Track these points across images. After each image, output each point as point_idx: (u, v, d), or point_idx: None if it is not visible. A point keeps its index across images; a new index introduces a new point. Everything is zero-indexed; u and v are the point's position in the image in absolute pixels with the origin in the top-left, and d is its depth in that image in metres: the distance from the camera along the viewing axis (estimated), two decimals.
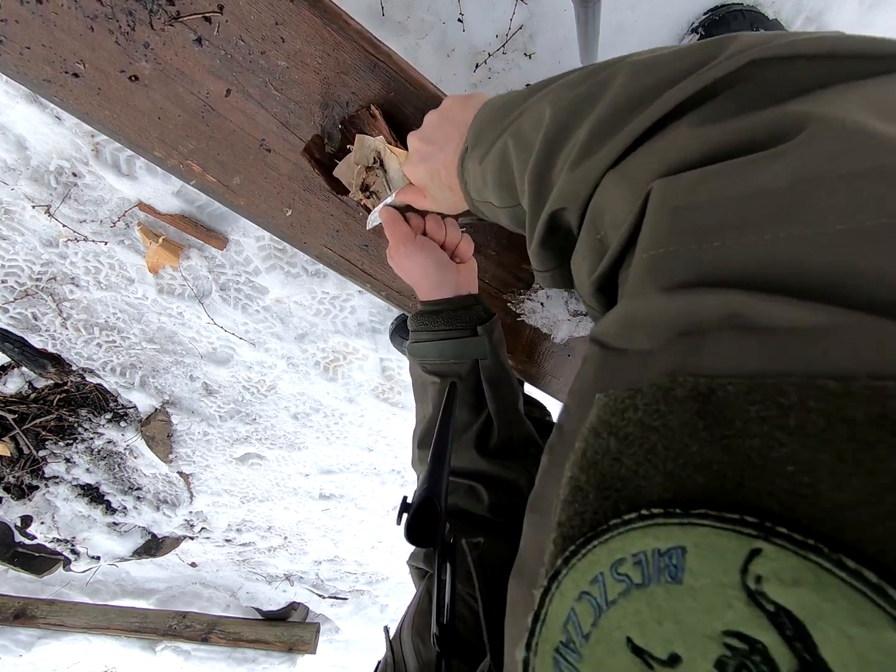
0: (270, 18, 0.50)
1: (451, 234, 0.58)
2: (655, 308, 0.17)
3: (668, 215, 0.19)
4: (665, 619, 0.12)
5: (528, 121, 0.31)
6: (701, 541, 0.12)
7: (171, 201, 1.10)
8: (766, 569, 0.11)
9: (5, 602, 2.00)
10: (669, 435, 0.14)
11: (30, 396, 1.51)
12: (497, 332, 0.57)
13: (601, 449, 0.16)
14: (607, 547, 0.14)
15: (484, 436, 0.55)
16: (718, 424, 0.13)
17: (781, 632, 0.11)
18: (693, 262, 0.17)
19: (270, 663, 2.21)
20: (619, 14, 0.80)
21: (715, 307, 0.15)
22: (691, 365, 0.15)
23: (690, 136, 0.20)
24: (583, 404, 0.18)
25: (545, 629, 0.15)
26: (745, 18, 0.78)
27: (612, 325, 0.19)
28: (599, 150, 0.24)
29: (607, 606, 0.13)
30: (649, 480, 0.14)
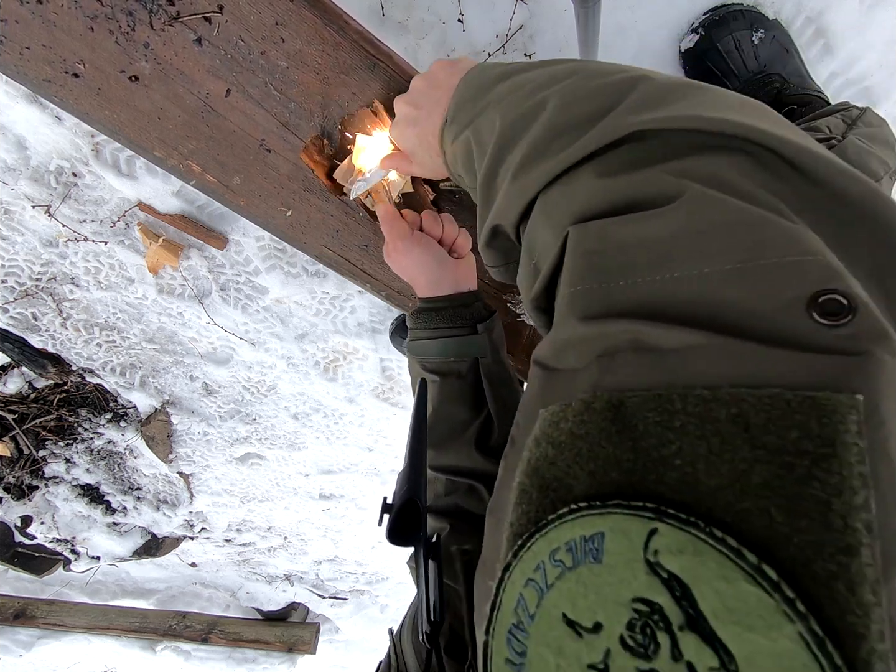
0: (270, 18, 0.50)
1: (449, 228, 0.57)
2: (577, 334, 0.21)
3: (581, 258, 0.23)
4: (589, 594, 0.15)
5: (484, 124, 0.35)
6: (615, 526, 0.15)
7: (171, 201, 1.10)
8: (661, 543, 0.14)
9: (5, 602, 2.00)
10: (591, 440, 0.17)
11: (30, 396, 1.51)
12: (497, 329, 0.57)
13: (541, 456, 0.18)
14: (546, 538, 0.16)
15: (484, 434, 0.55)
16: (627, 430, 0.16)
17: (672, 593, 0.13)
18: (603, 296, 0.21)
19: (270, 663, 2.21)
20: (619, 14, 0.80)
21: (620, 333, 0.19)
22: (606, 381, 0.18)
23: (594, 187, 0.24)
24: (529, 418, 0.21)
25: (500, 614, 0.17)
26: (745, 18, 0.77)
27: (547, 349, 0.23)
28: (526, 174, 0.28)
29: (547, 589, 0.16)
30: (577, 479, 0.17)
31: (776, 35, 0.78)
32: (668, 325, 0.18)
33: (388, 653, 0.46)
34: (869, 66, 0.82)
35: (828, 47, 0.82)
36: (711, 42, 0.78)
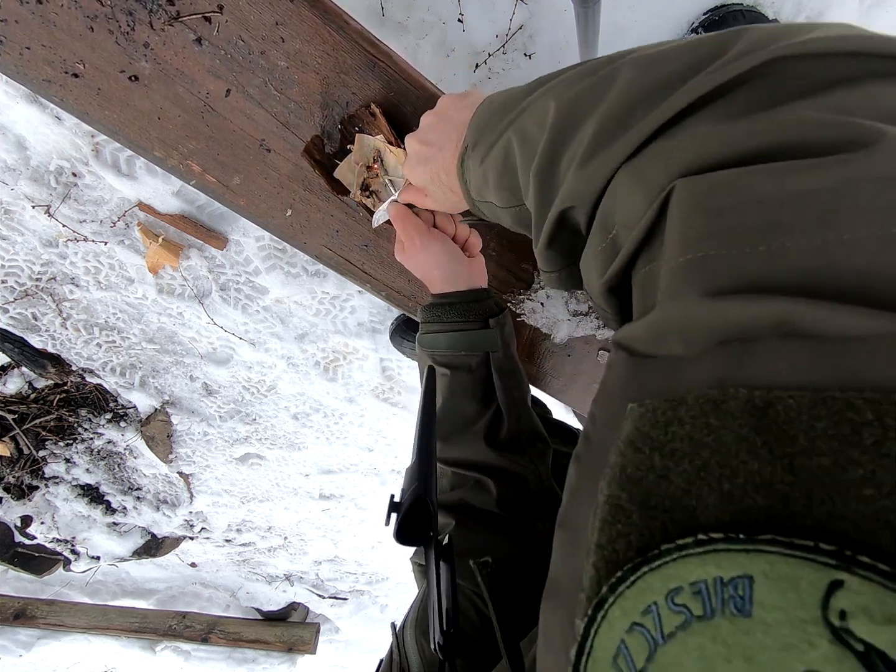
0: (270, 18, 0.50)
1: (461, 228, 0.58)
2: (695, 314, 0.16)
3: (703, 217, 0.18)
4: (734, 657, 0.11)
5: (531, 118, 0.30)
6: (770, 570, 0.11)
7: (171, 201, 1.10)
8: (852, 603, 0.10)
9: (5, 602, 2.00)
10: (724, 451, 0.13)
11: (30, 396, 1.51)
12: (508, 325, 0.57)
13: (643, 465, 0.15)
14: (660, 574, 0.13)
15: (493, 428, 0.55)
16: (780, 441, 0.12)
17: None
18: (736, 266, 0.16)
19: (270, 663, 2.21)
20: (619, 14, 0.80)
21: (762, 314, 0.14)
22: (740, 375, 0.14)
23: (712, 134, 0.19)
24: (612, 413, 0.17)
25: (592, 663, 0.14)
26: (745, 18, 0.77)
27: (642, 330, 0.18)
28: (608, 146, 0.23)
29: (664, 640, 0.12)
30: (703, 501, 0.13)
31: None
32: (835, 304, 0.13)
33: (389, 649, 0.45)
34: None
35: None
36: None
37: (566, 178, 0.26)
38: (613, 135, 0.23)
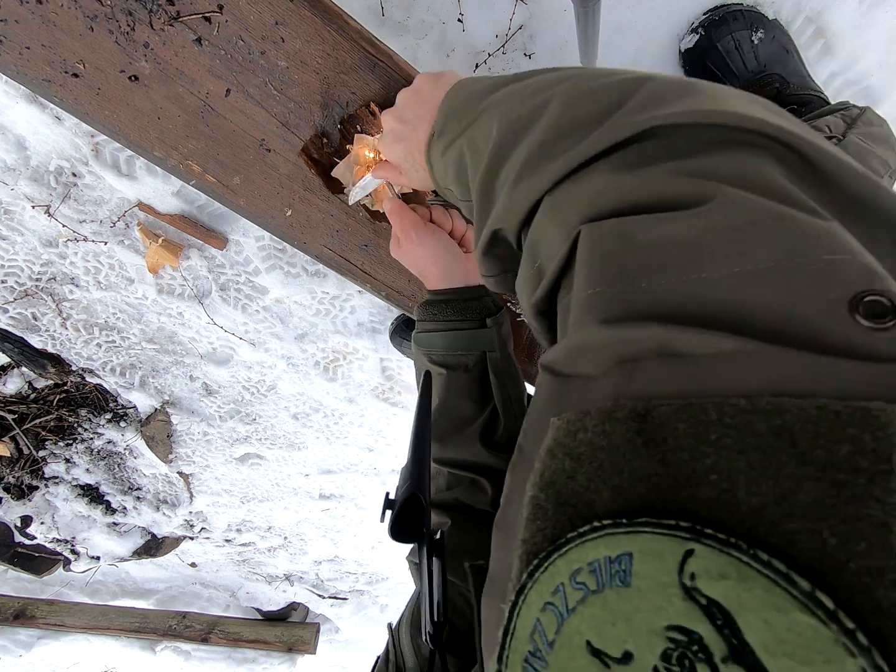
0: (270, 18, 0.50)
1: (458, 223, 0.58)
2: (596, 339, 0.19)
3: (599, 259, 0.21)
4: (617, 620, 0.13)
5: (480, 131, 0.34)
6: (644, 546, 0.14)
7: (171, 201, 1.10)
8: (699, 567, 0.13)
9: (5, 602, 2.00)
10: (614, 452, 0.16)
11: (30, 396, 1.51)
12: (505, 325, 0.57)
13: (557, 468, 0.17)
14: (566, 558, 0.15)
15: (489, 428, 0.55)
16: (654, 441, 0.15)
17: (713, 622, 0.12)
18: (624, 300, 0.19)
19: (270, 663, 2.21)
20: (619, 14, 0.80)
21: (646, 339, 0.17)
22: (630, 389, 0.17)
23: (608, 183, 0.23)
24: (539, 426, 0.20)
25: (514, 641, 0.16)
26: (745, 18, 0.77)
27: (559, 354, 0.21)
28: (530, 177, 0.27)
29: (568, 614, 0.15)
30: (599, 495, 0.16)
31: (776, 35, 0.78)
32: (698, 329, 0.16)
33: (386, 647, 0.45)
34: (869, 66, 0.82)
35: (828, 47, 0.82)
36: (711, 42, 0.78)
37: (499, 198, 0.30)
38: (535, 165, 0.27)
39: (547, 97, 0.29)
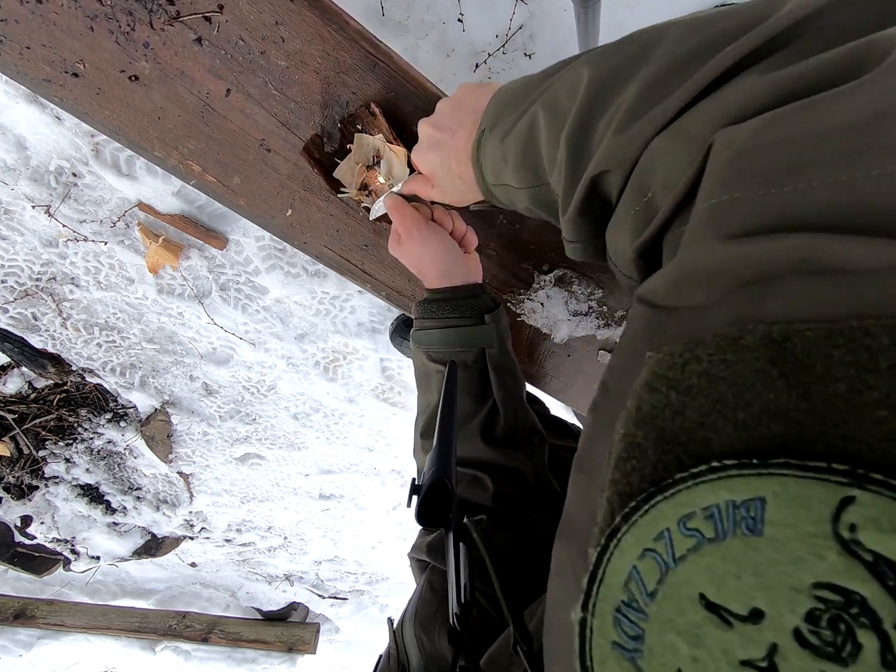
0: (270, 18, 0.50)
1: (458, 223, 0.58)
2: (716, 258, 0.16)
3: (731, 161, 0.18)
4: (744, 573, 0.12)
5: (561, 88, 0.30)
6: (783, 491, 0.12)
7: (171, 201, 1.10)
8: (862, 516, 0.11)
9: (5, 602, 2.00)
10: (740, 383, 0.13)
11: (30, 396, 1.51)
12: (503, 321, 0.57)
13: (659, 403, 0.15)
14: (673, 502, 0.13)
15: (489, 424, 0.55)
16: (795, 371, 0.13)
17: (883, 582, 0.10)
18: (760, 208, 0.16)
19: (270, 663, 2.21)
20: (619, 14, 0.80)
21: (784, 252, 0.14)
22: (760, 313, 0.14)
23: (755, 84, 0.19)
24: (631, 363, 0.18)
25: (604, 588, 0.14)
26: None
27: (662, 282, 0.18)
28: (650, 110, 0.23)
29: (675, 563, 0.13)
30: (718, 432, 0.13)
31: None
32: (859, 237, 0.13)
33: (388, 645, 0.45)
34: None
35: None
36: None
37: (602, 144, 0.26)
38: (654, 100, 0.23)
39: (651, 37, 0.25)
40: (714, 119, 0.20)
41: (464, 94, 0.43)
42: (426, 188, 0.50)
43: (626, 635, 0.13)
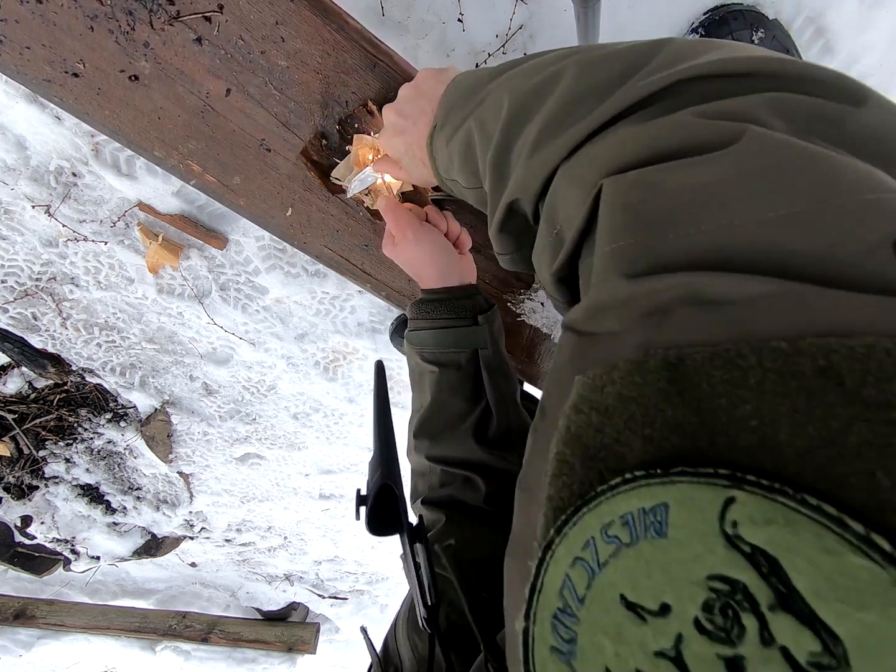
0: (270, 18, 0.50)
1: (452, 224, 0.58)
2: (621, 294, 0.19)
3: (622, 211, 0.20)
4: (653, 573, 0.13)
5: (488, 109, 0.33)
6: (681, 496, 0.13)
7: (171, 201, 1.10)
8: (741, 514, 0.12)
9: (5, 602, 2.00)
10: (645, 403, 0.15)
11: (30, 396, 1.51)
12: (497, 322, 0.57)
13: (583, 423, 0.17)
14: (596, 512, 0.15)
15: (482, 425, 0.55)
16: (688, 389, 0.14)
17: (758, 569, 0.12)
18: (651, 250, 0.19)
19: (270, 663, 2.21)
20: (619, 14, 0.80)
21: (675, 287, 0.17)
22: (660, 339, 0.16)
23: (630, 135, 0.22)
24: (562, 386, 0.19)
25: (542, 597, 0.15)
26: (745, 18, 0.77)
27: (582, 313, 0.21)
28: (548, 145, 0.26)
29: (599, 569, 0.14)
30: (630, 446, 0.15)
31: (776, 35, 0.78)
32: (730, 274, 0.16)
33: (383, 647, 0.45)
34: (869, 66, 0.82)
35: (828, 47, 0.82)
36: None
37: (514, 171, 0.29)
38: (553, 134, 0.26)
39: (558, 69, 0.28)
40: (599, 165, 0.23)
41: (424, 80, 0.45)
42: (395, 169, 0.51)
43: (562, 639, 0.14)
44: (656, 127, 0.22)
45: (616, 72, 0.25)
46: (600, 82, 0.25)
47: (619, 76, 0.25)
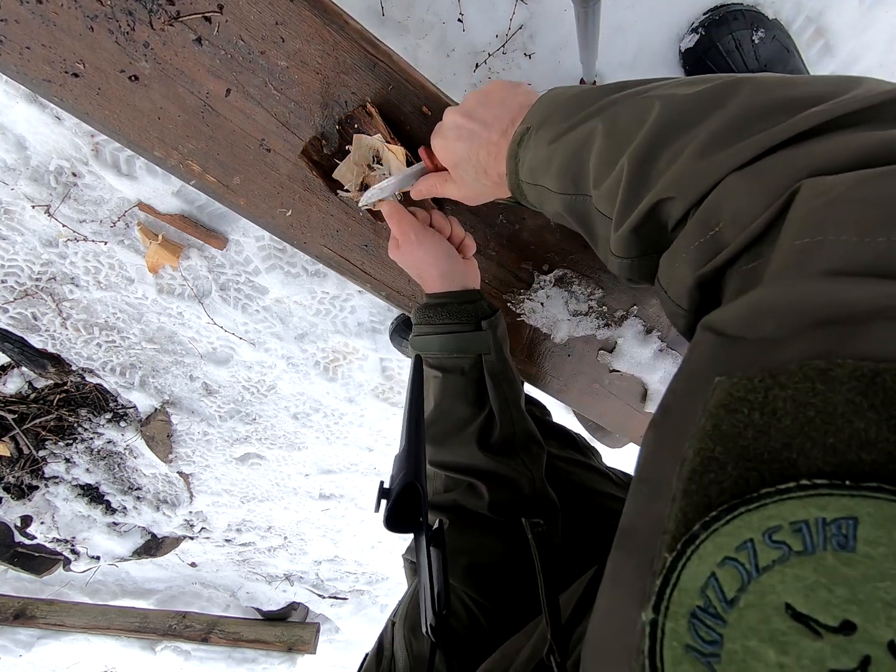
0: (270, 18, 0.50)
1: (457, 228, 0.58)
2: (801, 294, 0.17)
3: (826, 207, 0.19)
4: (836, 585, 0.12)
5: (627, 112, 0.32)
6: (876, 512, 0.12)
7: (171, 201, 1.10)
8: None
9: (5, 602, 2.00)
10: (829, 411, 0.14)
11: (30, 396, 1.51)
12: (501, 327, 0.57)
13: (740, 423, 0.16)
14: (759, 514, 0.14)
15: (486, 431, 0.54)
16: (886, 405, 0.13)
17: None
18: (854, 252, 0.17)
19: (270, 663, 2.21)
20: (618, 14, 0.80)
21: (873, 297, 0.15)
22: (846, 350, 0.15)
23: (844, 143, 0.21)
24: (696, 386, 0.19)
25: (678, 592, 0.14)
26: (745, 18, 0.77)
27: (734, 313, 0.20)
28: (723, 150, 0.25)
29: (758, 573, 0.13)
30: (804, 453, 0.14)
31: (776, 35, 0.78)
32: None
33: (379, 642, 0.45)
34: (869, 66, 0.82)
35: (828, 47, 0.82)
36: (711, 42, 0.78)
37: (668, 171, 0.28)
38: (731, 140, 0.25)
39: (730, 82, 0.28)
40: (800, 168, 0.22)
41: (498, 89, 0.44)
42: (439, 183, 0.50)
43: (702, 640, 0.13)
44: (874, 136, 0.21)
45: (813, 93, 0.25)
46: (798, 98, 0.25)
47: (819, 97, 0.24)
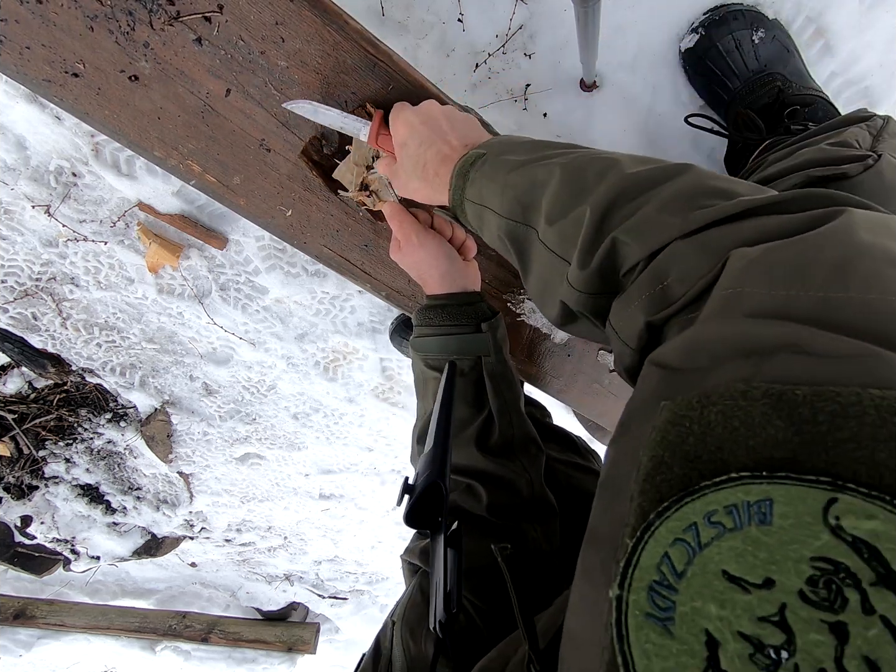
0: (270, 18, 0.50)
1: (458, 230, 0.58)
2: (725, 332, 0.22)
3: (745, 267, 0.24)
4: (759, 552, 0.15)
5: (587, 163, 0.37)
6: (786, 493, 0.16)
7: (171, 201, 1.10)
8: (843, 510, 0.15)
9: (5, 602, 2.00)
10: (749, 421, 0.18)
11: (30, 396, 1.51)
12: (501, 329, 0.57)
13: (683, 433, 0.19)
14: (701, 501, 0.17)
15: (485, 433, 0.54)
16: (791, 416, 0.17)
17: (859, 554, 0.14)
18: (765, 299, 0.22)
19: (270, 663, 2.21)
20: (619, 14, 0.80)
21: (780, 335, 0.20)
22: (760, 375, 0.19)
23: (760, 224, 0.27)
24: (646, 408, 0.23)
25: (639, 571, 0.17)
26: (746, 18, 0.77)
27: (674, 350, 0.24)
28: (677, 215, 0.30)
29: (701, 548, 0.17)
30: (733, 454, 0.18)
31: (776, 35, 0.78)
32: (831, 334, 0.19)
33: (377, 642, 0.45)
34: (869, 66, 0.82)
35: (828, 47, 0.82)
36: (711, 42, 0.78)
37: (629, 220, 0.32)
38: (681, 208, 0.30)
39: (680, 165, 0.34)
40: (733, 240, 0.27)
41: (455, 113, 0.47)
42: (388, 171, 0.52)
43: (658, 607, 0.16)
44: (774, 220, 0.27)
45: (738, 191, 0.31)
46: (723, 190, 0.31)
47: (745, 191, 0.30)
